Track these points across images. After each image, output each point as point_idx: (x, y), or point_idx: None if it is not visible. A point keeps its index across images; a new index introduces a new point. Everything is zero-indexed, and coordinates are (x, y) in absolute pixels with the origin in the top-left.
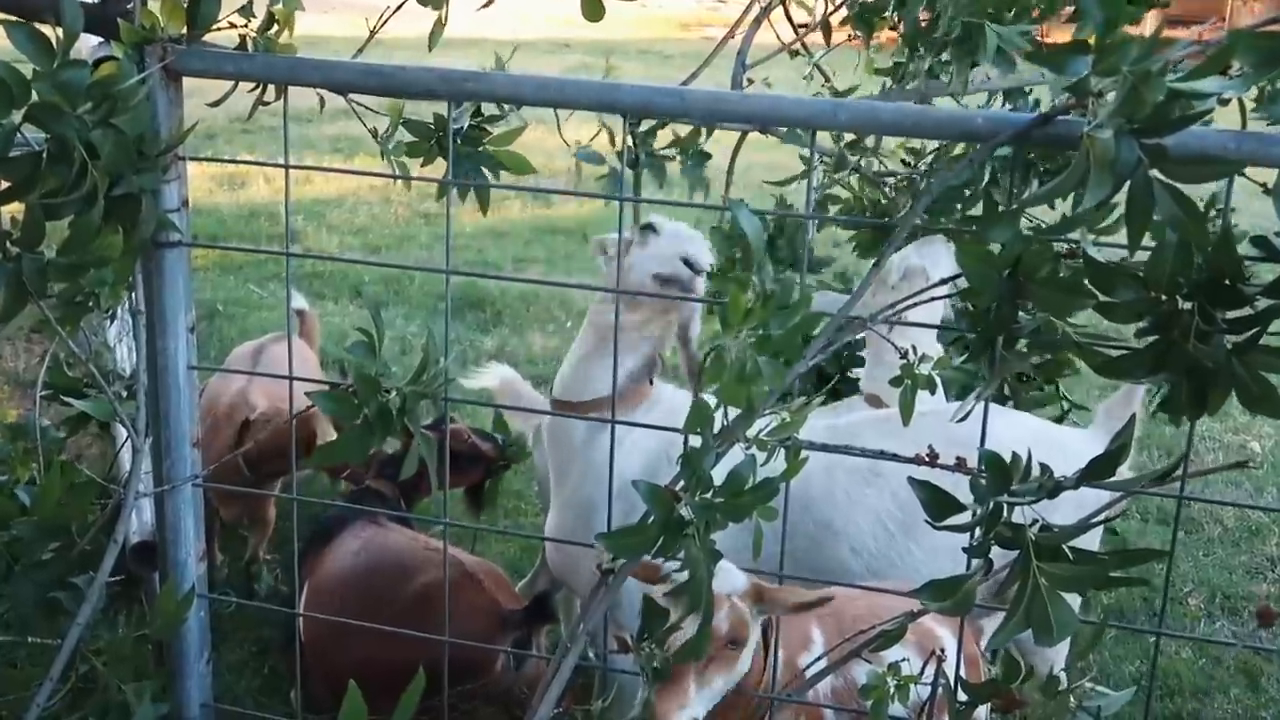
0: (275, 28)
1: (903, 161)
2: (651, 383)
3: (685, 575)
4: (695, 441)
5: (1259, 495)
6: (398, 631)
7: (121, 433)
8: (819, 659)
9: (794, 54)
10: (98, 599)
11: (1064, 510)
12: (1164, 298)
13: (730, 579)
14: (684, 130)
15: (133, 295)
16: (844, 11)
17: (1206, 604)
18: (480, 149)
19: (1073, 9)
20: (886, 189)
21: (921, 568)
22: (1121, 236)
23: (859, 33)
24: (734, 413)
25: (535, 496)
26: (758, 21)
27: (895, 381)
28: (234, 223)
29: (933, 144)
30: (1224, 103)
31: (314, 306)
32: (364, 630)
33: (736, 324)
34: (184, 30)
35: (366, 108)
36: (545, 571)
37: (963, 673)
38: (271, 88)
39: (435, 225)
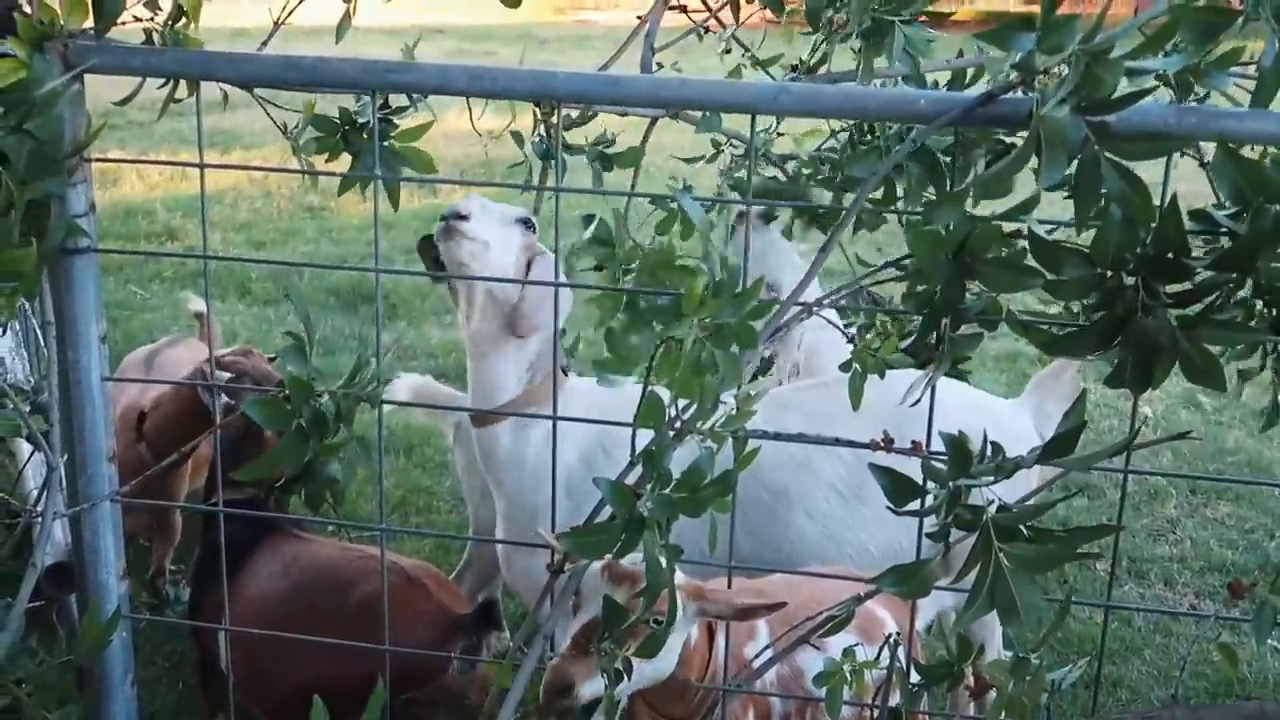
0: (183, 20)
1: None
2: (566, 373)
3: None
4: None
5: (1155, 458)
6: (348, 644)
7: (22, 449)
8: (766, 648)
9: (702, 36)
10: (18, 627)
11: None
12: (1109, 274)
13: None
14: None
15: (30, 305)
16: None
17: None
18: (385, 143)
19: None
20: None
21: (874, 530)
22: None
23: (771, 11)
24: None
25: (447, 493)
26: (664, 1)
27: (845, 366)
28: (110, 223)
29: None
30: (1161, 77)
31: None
32: (309, 649)
33: (691, 314)
34: (84, 24)
35: (269, 101)
36: (470, 574)
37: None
38: (183, 84)
39: (321, 219)
